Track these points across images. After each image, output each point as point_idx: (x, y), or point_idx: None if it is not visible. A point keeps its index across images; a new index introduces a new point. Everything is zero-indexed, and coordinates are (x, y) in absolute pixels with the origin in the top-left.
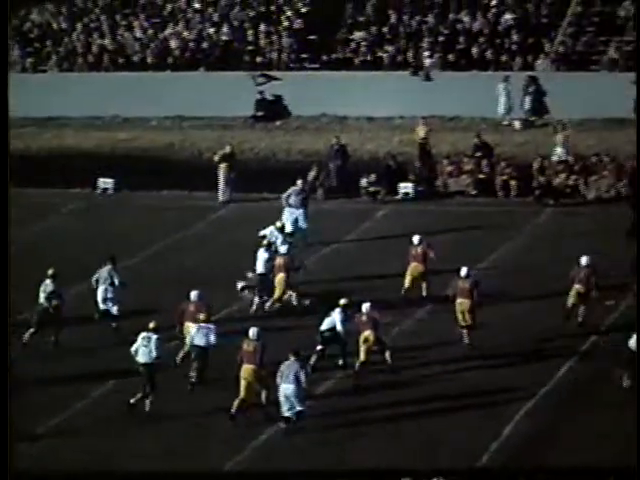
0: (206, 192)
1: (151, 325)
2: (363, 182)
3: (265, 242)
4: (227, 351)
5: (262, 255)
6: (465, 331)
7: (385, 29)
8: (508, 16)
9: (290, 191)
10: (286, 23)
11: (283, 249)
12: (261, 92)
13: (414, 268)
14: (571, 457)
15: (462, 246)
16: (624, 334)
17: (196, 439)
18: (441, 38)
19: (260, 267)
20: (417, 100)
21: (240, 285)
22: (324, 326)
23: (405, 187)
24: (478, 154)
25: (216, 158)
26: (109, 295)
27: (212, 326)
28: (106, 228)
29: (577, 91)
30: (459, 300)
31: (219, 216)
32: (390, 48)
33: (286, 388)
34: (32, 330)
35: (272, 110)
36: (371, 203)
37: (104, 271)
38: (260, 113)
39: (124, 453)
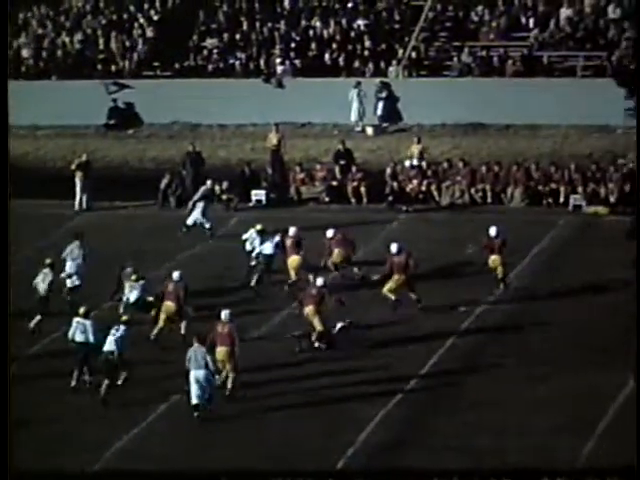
0: (61, 200)
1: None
2: (216, 189)
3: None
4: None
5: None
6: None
7: (237, 36)
8: (360, 22)
9: (202, 191)
10: (138, 31)
11: (265, 249)
12: (114, 100)
13: (337, 255)
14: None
15: (315, 253)
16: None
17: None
18: (293, 44)
19: (268, 249)
20: (269, 107)
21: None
22: None
23: (257, 194)
24: (342, 161)
25: (72, 167)
26: (74, 270)
27: (88, 322)
28: None
29: (430, 97)
30: (396, 276)
31: (76, 224)
32: (242, 55)
33: (197, 373)
34: (39, 318)
35: (124, 118)
36: (224, 210)
37: (70, 248)
38: (112, 121)
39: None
